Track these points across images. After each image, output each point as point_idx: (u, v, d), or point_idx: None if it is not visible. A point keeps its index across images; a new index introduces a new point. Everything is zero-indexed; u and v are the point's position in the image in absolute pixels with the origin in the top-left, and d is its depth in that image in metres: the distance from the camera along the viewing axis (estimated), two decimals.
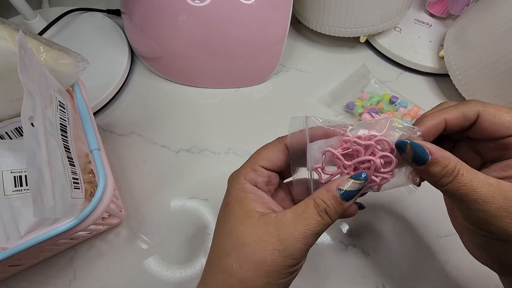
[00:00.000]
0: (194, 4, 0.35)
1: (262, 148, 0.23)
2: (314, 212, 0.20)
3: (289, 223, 0.20)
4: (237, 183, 0.22)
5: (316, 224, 0.19)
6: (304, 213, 0.20)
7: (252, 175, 0.22)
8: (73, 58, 0.28)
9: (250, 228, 0.20)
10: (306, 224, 0.19)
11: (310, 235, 0.19)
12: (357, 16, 0.40)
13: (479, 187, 0.18)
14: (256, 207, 0.21)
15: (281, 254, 0.19)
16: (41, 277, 0.30)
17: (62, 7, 0.46)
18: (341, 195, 0.20)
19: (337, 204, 0.20)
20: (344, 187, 0.20)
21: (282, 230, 0.19)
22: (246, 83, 0.43)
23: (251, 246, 0.19)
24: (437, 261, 0.31)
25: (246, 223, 0.20)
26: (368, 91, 0.42)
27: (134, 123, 0.39)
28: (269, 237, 0.19)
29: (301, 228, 0.19)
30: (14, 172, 0.25)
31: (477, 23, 0.37)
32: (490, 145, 0.21)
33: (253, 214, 0.21)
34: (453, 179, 0.18)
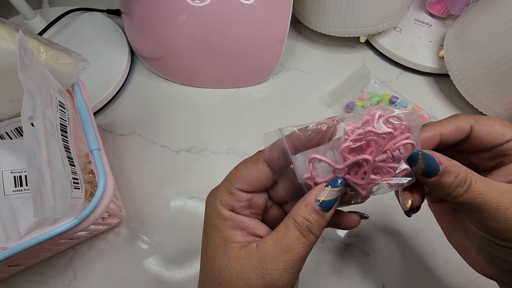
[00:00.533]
0: (194, 4, 0.35)
1: (240, 165, 0.20)
2: (296, 234, 0.18)
3: (271, 253, 0.18)
4: (213, 210, 0.20)
5: (301, 248, 0.18)
6: (286, 237, 0.18)
7: (229, 199, 0.19)
8: (73, 58, 0.28)
9: (232, 264, 0.18)
10: (289, 250, 0.18)
11: (296, 261, 0.18)
12: (357, 16, 0.40)
13: (497, 195, 0.17)
14: (235, 237, 0.19)
15: (270, 285, 0.17)
16: (41, 277, 0.30)
17: (62, 7, 0.46)
18: (320, 206, 0.18)
19: (319, 217, 0.18)
20: (321, 197, 0.18)
21: (264, 262, 0.18)
22: (246, 83, 0.43)
23: (235, 284, 0.18)
24: (437, 261, 0.31)
25: (228, 257, 0.18)
26: (368, 91, 0.42)
27: (134, 123, 0.39)
28: (252, 273, 0.18)
29: (285, 257, 0.17)
30: (14, 172, 0.25)
31: (477, 23, 0.37)
32: (486, 155, 0.21)
33: (233, 246, 0.19)
34: (467, 188, 0.18)
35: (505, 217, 0.17)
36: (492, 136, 0.20)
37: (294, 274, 0.18)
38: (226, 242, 0.19)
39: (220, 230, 0.19)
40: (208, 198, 0.21)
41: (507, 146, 0.20)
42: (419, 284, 0.30)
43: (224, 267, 0.18)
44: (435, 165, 0.18)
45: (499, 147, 0.20)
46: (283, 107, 0.41)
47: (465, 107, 0.41)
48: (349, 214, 0.22)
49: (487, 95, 0.37)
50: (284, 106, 0.41)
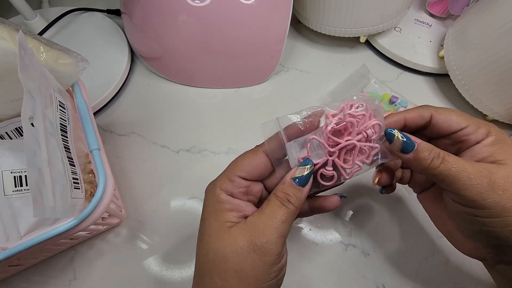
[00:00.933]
0: (194, 4, 0.35)
1: (239, 157, 0.23)
2: (277, 203, 0.21)
3: (257, 222, 0.21)
4: (212, 194, 0.22)
5: (282, 213, 0.21)
6: (268, 207, 0.21)
7: (228, 186, 0.22)
8: (73, 58, 0.28)
9: (226, 240, 0.20)
10: (272, 216, 0.21)
11: (279, 224, 0.20)
12: (357, 16, 0.40)
13: (467, 166, 0.20)
14: (230, 217, 0.21)
15: (258, 255, 0.20)
16: (41, 277, 0.30)
17: (62, 7, 0.46)
18: (297, 183, 0.21)
19: (296, 191, 0.21)
20: (296, 175, 0.22)
21: (252, 230, 0.20)
22: (246, 83, 0.43)
23: (229, 257, 0.20)
24: (437, 261, 0.31)
25: (223, 235, 0.21)
26: (368, 91, 0.42)
27: (134, 123, 0.39)
28: (243, 242, 0.20)
29: (269, 221, 0.20)
30: (14, 172, 0.25)
31: (477, 23, 0.37)
32: (446, 141, 0.24)
33: (228, 225, 0.21)
34: (442, 160, 0.21)
35: (478, 183, 0.20)
36: (448, 123, 0.23)
37: (279, 238, 0.20)
38: (221, 223, 0.21)
39: (218, 213, 0.21)
40: (207, 187, 0.23)
41: (462, 133, 0.23)
42: (419, 284, 0.30)
43: (219, 245, 0.20)
44: (410, 142, 0.21)
45: (456, 133, 0.23)
46: (283, 107, 0.41)
47: (465, 107, 0.41)
48: (329, 196, 0.25)
49: (487, 95, 0.37)
50: (284, 106, 0.41)
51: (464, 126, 0.23)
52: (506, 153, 0.21)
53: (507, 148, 0.22)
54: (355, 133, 0.22)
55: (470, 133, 0.23)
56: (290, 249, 0.31)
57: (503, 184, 0.20)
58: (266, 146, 0.22)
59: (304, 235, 0.32)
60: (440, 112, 0.23)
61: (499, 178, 0.20)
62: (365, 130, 0.22)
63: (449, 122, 0.23)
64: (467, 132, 0.23)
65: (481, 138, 0.22)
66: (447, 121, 0.23)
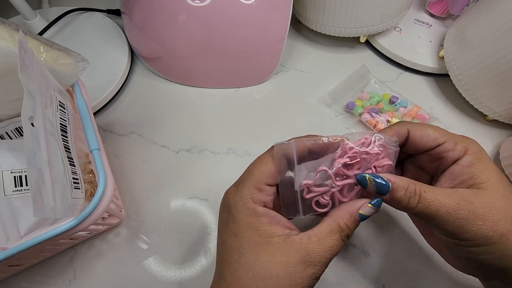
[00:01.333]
0: (194, 4, 0.35)
1: (258, 163, 0.22)
2: (338, 237, 0.20)
3: (315, 249, 0.20)
4: (245, 208, 0.21)
5: (338, 249, 0.20)
6: (329, 238, 0.20)
7: (260, 196, 0.21)
8: (73, 58, 0.28)
9: (277, 257, 0.20)
10: (331, 250, 0.20)
11: (331, 258, 0.20)
12: (357, 16, 0.40)
13: (445, 200, 0.20)
14: (275, 231, 0.20)
15: (310, 278, 0.20)
16: (41, 277, 0.30)
17: (62, 7, 0.46)
18: (360, 218, 0.21)
19: (355, 226, 0.21)
20: (364, 212, 0.21)
21: (309, 256, 0.20)
22: (246, 83, 0.43)
23: (281, 277, 0.19)
24: (437, 261, 0.31)
25: (272, 251, 0.20)
26: (368, 91, 0.42)
27: (134, 123, 0.39)
28: (297, 266, 0.19)
29: (326, 254, 0.20)
30: (14, 172, 0.25)
31: (477, 23, 0.37)
32: (425, 158, 0.24)
33: (276, 240, 0.20)
34: (419, 198, 0.20)
35: (456, 218, 0.19)
36: (425, 139, 0.23)
37: (327, 265, 0.20)
38: (267, 238, 0.20)
39: (258, 227, 0.20)
40: (231, 200, 0.22)
41: (439, 149, 0.23)
42: (419, 284, 0.30)
43: (267, 261, 0.19)
44: (383, 184, 0.21)
45: (433, 150, 0.23)
46: (283, 107, 0.41)
47: (465, 107, 0.41)
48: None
49: (487, 95, 0.37)
50: (284, 106, 0.41)
51: (441, 142, 0.22)
52: (485, 174, 0.21)
53: (485, 168, 0.21)
54: (364, 168, 0.22)
55: (448, 150, 0.22)
56: None
57: (483, 213, 0.19)
58: (276, 164, 0.22)
59: None
60: (417, 128, 0.23)
61: (479, 207, 0.19)
62: (377, 166, 0.22)
63: (426, 138, 0.23)
64: (444, 149, 0.22)
65: (458, 155, 0.22)
66: (424, 137, 0.23)
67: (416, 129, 0.23)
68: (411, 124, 0.24)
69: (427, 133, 0.23)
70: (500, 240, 0.19)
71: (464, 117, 0.41)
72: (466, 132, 0.40)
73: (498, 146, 0.38)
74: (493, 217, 0.19)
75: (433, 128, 0.23)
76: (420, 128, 0.23)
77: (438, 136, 0.23)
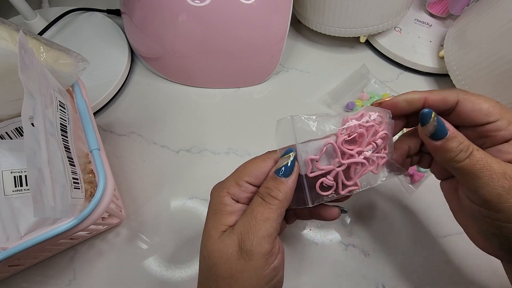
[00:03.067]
0: (194, 4, 0.35)
1: (249, 161, 0.22)
2: (258, 201, 0.20)
3: (242, 224, 0.20)
4: (217, 196, 0.21)
5: (264, 211, 0.19)
6: (250, 206, 0.20)
7: (235, 190, 0.21)
8: (73, 58, 0.28)
9: (218, 246, 0.20)
10: (254, 216, 0.19)
11: (262, 223, 0.19)
12: (357, 16, 0.40)
13: (494, 164, 0.19)
14: (228, 221, 0.20)
15: (245, 259, 0.19)
16: (41, 277, 0.30)
17: (62, 7, 0.46)
18: (281, 174, 0.20)
19: (278, 183, 0.20)
20: (278, 166, 0.21)
21: (239, 234, 0.19)
22: (246, 83, 0.43)
23: (219, 264, 0.19)
24: (437, 261, 0.31)
25: (216, 240, 0.20)
26: (368, 91, 0.42)
27: (134, 123, 0.39)
28: (231, 248, 0.19)
29: (252, 221, 0.19)
30: (14, 172, 0.25)
31: (477, 23, 0.37)
32: (470, 134, 0.21)
33: (223, 228, 0.20)
34: (469, 155, 0.19)
35: (498, 185, 0.18)
36: (475, 113, 0.20)
37: (264, 238, 0.19)
38: (217, 225, 0.20)
39: (217, 215, 0.21)
40: (213, 189, 0.22)
41: (489, 127, 0.20)
42: (419, 284, 0.30)
43: (212, 250, 0.20)
44: (444, 128, 0.20)
45: (482, 126, 0.21)
46: (283, 107, 0.41)
47: None
48: (331, 207, 0.24)
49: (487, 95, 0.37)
50: (284, 106, 0.41)
51: (494, 120, 0.20)
52: None
53: None
54: (365, 144, 0.21)
55: (499, 129, 0.20)
56: (290, 249, 0.32)
57: None
58: (279, 152, 0.21)
59: (304, 235, 0.32)
60: (469, 100, 0.21)
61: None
62: (374, 140, 0.22)
63: (477, 112, 0.20)
64: (495, 127, 0.20)
65: (510, 136, 0.20)
66: (475, 111, 0.20)
67: (468, 101, 0.21)
68: (463, 93, 0.21)
69: (480, 106, 0.20)
70: None
71: None
72: None
73: None
74: None
75: (488, 102, 0.20)
76: (472, 100, 0.21)
77: (492, 112, 0.20)
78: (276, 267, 0.20)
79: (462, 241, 0.32)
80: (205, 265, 0.20)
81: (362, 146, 0.21)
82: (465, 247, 0.32)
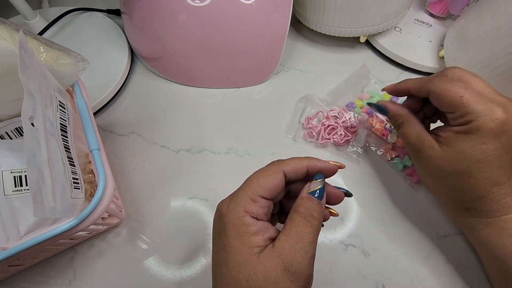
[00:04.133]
0: (194, 4, 0.35)
1: (259, 175, 0.22)
2: (301, 221, 0.20)
3: (286, 246, 0.20)
4: (235, 217, 0.21)
5: (309, 232, 0.20)
6: (294, 227, 0.20)
7: (253, 207, 0.21)
8: (73, 58, 0.28)
9: (257, 269, 0.19)
10: (300, 237, 0.20)
11: (308, 246, 0.20)
12: (357, 16, 0.40)
13: (412, 138, 0.28)
14: (258, 241, 0.20)
15: (291, 281, 0.19)
16: (41, 277, 0.30)
17: (62, 7, 0.46)
18: (316, 196, 0.22)
19: (316, 204, 0.21)
20: (312, 189, 0.22)
21: (283, 256, 0.19)
22: (246, 83, 0.43)
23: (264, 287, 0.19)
24: (437, 261, 0.31)
25: (253, 263, 0.19)
26: (368, 91, 0.42)
27: (134, 123, 0.39)
28: (277, 271, 0.19)
29: (298, 245, 0.19)
30: (14, 172, 0.25)
31: (477, 23, 0.37)
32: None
33: (257, 250, 0.20)
34: (399, 128, 0.30)
35: (411, 154, 0.30)
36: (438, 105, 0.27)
37: (310, 259, 0.20)
38: (249, 248, 0.20)
39: (243, 237, 0.20)
40: (224, 207, 0.22)
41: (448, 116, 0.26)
42: (419, 284, 0.30)
43: (251, 274, 0.19)
44: (383, 110, 0.31)
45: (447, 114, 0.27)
46: (283, 107, 0.41)
47: None
48: (335, 189, 0.24)
49: None
50: (284, 106, 0.41)
51: (451, 111, 0.25)
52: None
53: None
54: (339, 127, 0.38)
55: (454, 118, 0.26)
56: None
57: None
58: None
59: None
60: (433, 95, 0.27)
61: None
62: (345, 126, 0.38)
63: (439, 105, 0.27)
64: (450, 117, 0.26)
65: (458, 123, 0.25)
66: (438, 104, 0.27)
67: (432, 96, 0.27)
68: (433, 85, 0.26)
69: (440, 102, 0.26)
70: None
71: None
72: None
73: None
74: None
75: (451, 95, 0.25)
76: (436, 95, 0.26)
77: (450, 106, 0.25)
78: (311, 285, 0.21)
79: (462, 241, 0.32)
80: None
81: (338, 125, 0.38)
82: (465, 247, 0.32)
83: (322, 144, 0.38)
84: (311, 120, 0.38)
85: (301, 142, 0.38)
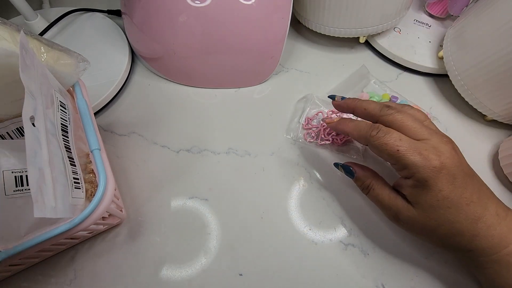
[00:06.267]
0: (194, 4, 0.35)
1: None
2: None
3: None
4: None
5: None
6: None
7: None
8: (73, 58, 0.28)
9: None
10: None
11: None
12: (357, 17, 0.41)
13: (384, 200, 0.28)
14: None
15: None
16: (42, 277, 0.30)
17: (63, 8, 0.46)
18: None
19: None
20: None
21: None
22: (246, 83, 0.43)
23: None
24: (437, 261, 0.31)
25: None
26: (368, 91, 0.42)
27: (135, 123, 0.40)
28: None
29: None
30: (15, 172, 0.25)
31: (476, 24, 0.37)
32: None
33: None
34: (369, 191, 0.30)
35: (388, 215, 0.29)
36: (378, 155, 0.29)
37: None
38: None
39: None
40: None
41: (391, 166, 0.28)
42: (419, 284, 0.30)
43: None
44: (351, 172, 0.31)
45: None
46: (283, 107, 0.41)
47: (464, 107, 0.41)
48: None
49: (486, 96, 0.37)
50: (284, 106, 0.41)
51: (392, 163, 0.27)
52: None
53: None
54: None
55: (397, 169, 0.27)
56: (289, 248, 0.32)
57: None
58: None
59: (304, 235, 0.32)
60: (369, 149, 0.28)
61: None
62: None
63: (380, 155, 0.27)
64: (394, 168, 0.27)
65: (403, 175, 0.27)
66: (378, 155, 0.28)
67: (369, 148, 0.28)
68: (372, 138, 0.27)
69: (379, 155, 0.28)
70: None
71: (463, 117, 0.41)
72: (465, 132, 0.40)
73: (497, 146, 0.38)
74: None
75: (389, 150, 0.26)
76: (373, 151, 0.28)
77: (389, 159, 0.27)
78: None
79: None
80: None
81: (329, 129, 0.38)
82: None
83: (322, 145, 0.38)
84: (311, 120, 0.39)
85: (301, 142, 0.38)
